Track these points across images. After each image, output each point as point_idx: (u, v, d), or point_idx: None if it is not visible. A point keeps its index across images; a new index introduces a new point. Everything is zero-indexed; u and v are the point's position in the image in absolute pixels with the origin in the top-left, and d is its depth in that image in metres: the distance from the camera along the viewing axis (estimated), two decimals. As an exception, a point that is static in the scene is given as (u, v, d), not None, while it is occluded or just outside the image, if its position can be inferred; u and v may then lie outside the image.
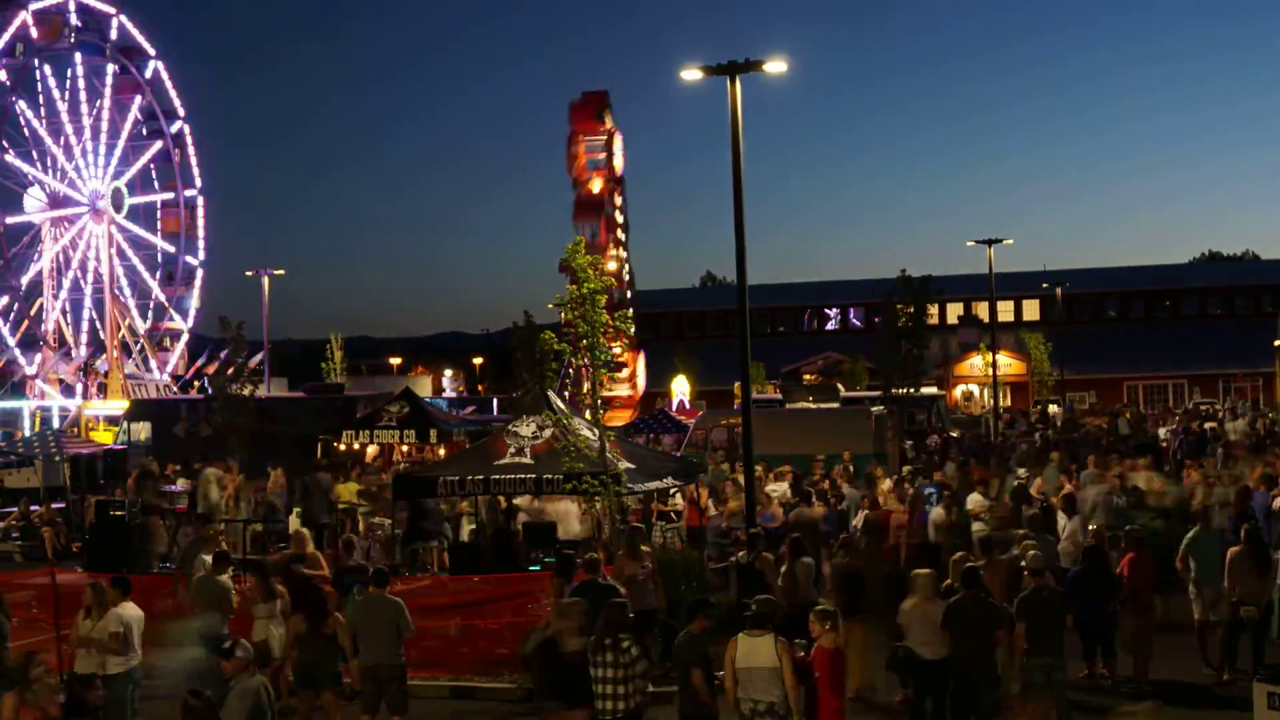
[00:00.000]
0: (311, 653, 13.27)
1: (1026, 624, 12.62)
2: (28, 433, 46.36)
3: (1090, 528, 18.45)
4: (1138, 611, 15.18)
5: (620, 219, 58.83)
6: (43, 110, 56.39)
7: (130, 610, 13.52)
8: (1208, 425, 42.50)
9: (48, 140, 56.08)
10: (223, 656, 10.64)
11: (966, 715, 12.46)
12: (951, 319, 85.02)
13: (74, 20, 56.56)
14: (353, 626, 13.60)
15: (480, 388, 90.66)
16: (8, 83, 53.89)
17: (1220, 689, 14.95)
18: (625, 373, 56.06)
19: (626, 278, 59.47)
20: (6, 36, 53.36)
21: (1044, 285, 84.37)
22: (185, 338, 62.42)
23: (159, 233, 61.83)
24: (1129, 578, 15.25)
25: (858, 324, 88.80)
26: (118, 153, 58.83)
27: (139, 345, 59.80)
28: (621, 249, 58.73)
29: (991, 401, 55.17)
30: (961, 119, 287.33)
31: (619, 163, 58.14)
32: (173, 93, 60.97)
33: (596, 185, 56.79)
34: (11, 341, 53.35)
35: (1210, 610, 15.53)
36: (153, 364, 60.02)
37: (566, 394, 30.46)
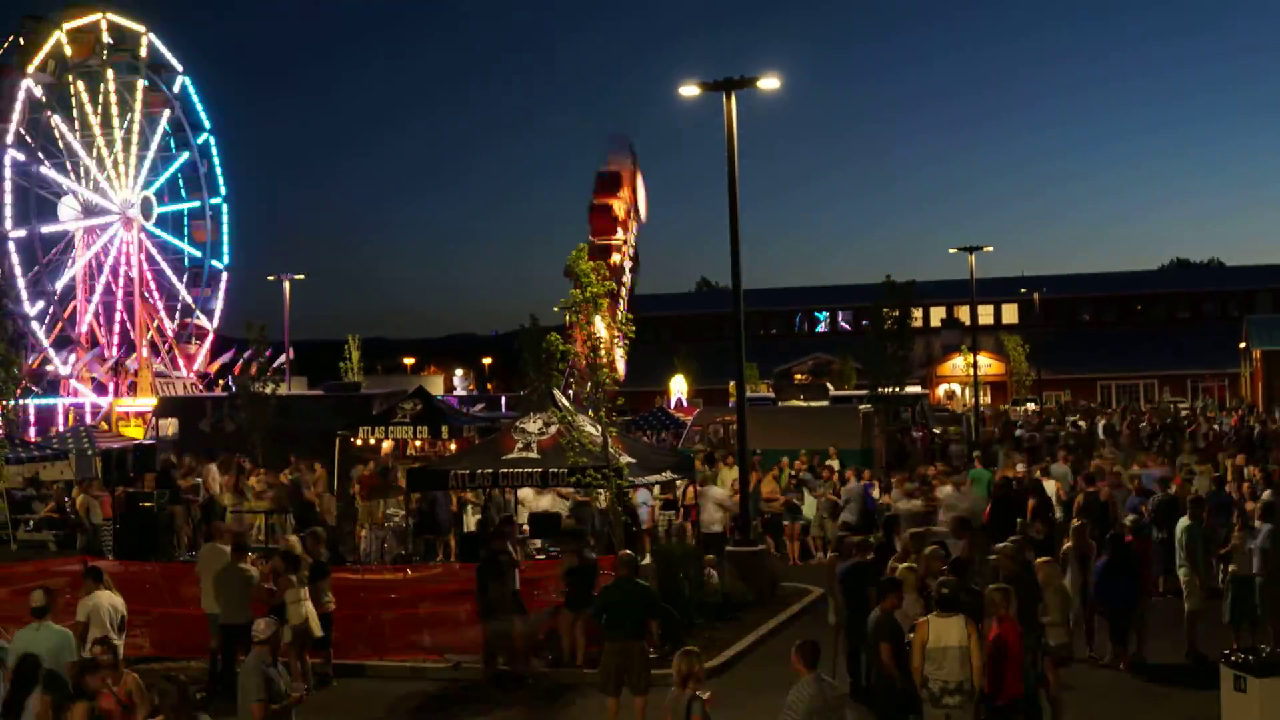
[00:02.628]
0: None
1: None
2: (62, 428, 46.31)
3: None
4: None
5: (631, 253, 56.87)
6: (76, 124, 56.26)
7: (101, 598, 13.40)
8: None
9: (81, 152, 55.99)
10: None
11: None
12: (935, 322, 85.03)
13: (106, 38, 56.50)
14: None
15: (489, 386, 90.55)
16: (43, 99, 53.84)
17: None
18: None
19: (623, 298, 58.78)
20: (42, 55, 53.38)
21: (1022, 290, 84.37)
22: (211, 337, 62.41)
23: (186, 239, 61.82)
24: None
25: (846, 326, 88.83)
26: (147, 163, 58.76)
27: (167, 345, 59.76)
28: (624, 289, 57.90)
29: (972, 400, 55.15)
30: (946, 131, 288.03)
31: (643, 210, 55.43)
32: (199, 106, 61.01)
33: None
34: (46, 342, 53.27)
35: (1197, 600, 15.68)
36: (180, 362, 60.00)
37: (570, 392, 30.40)
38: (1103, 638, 15.51)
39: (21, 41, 53.61)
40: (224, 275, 62.59)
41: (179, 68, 60.00)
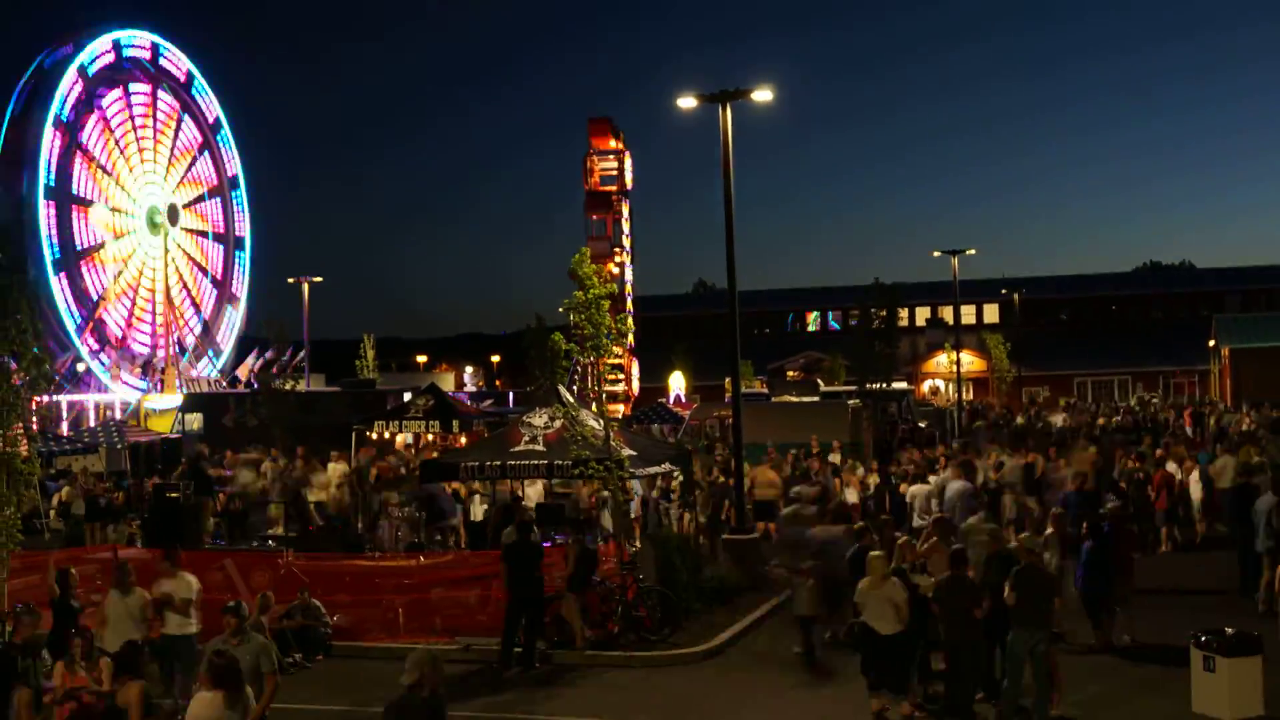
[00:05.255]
0: None
1: (1017, 596, 12.30)
2: (93, 423, 46.35)
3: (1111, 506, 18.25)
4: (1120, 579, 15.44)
5: (626, 228, 59.03)
6: (103, 139, 56.09)
7: (192, 578, 13.44)
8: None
9: (108, 166, 55.85)
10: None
11: (956, 683, 12.51)
12: (920, 321, 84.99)
13: (114, 58, 56.03)
14: None
15: (498, 383, 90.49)
16: (67, 127, 53.33)
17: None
18: (622, 374, 56.55)
19: (629, 283, 59.56)
20: (58, 95, 52.43)
21: (1003, 291, 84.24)
22: (233, 340, 62.40)
23: (207, 272, 61.87)
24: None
25: (836, 326, 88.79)
26: (176, 180, 58.93)
27: (193, 345, 59.77)
28: (626, 254, 58.97)
29: (956, 395, 55.19)
30: (932, 141, 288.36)
31: (629, 179, 58.47)
32: (222, 114, 61.21)
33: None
34: (79, 342, 53.24)
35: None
36: (204, 361, 60.02)
37: (574, 388, 30.42)
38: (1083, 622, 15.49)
39: (34, 84, 53.02)
40: (243, 301, 62.79)
41: (201, 79, 60.05)
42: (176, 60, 59.29)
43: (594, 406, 19.31)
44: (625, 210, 58.93)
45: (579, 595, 15.86)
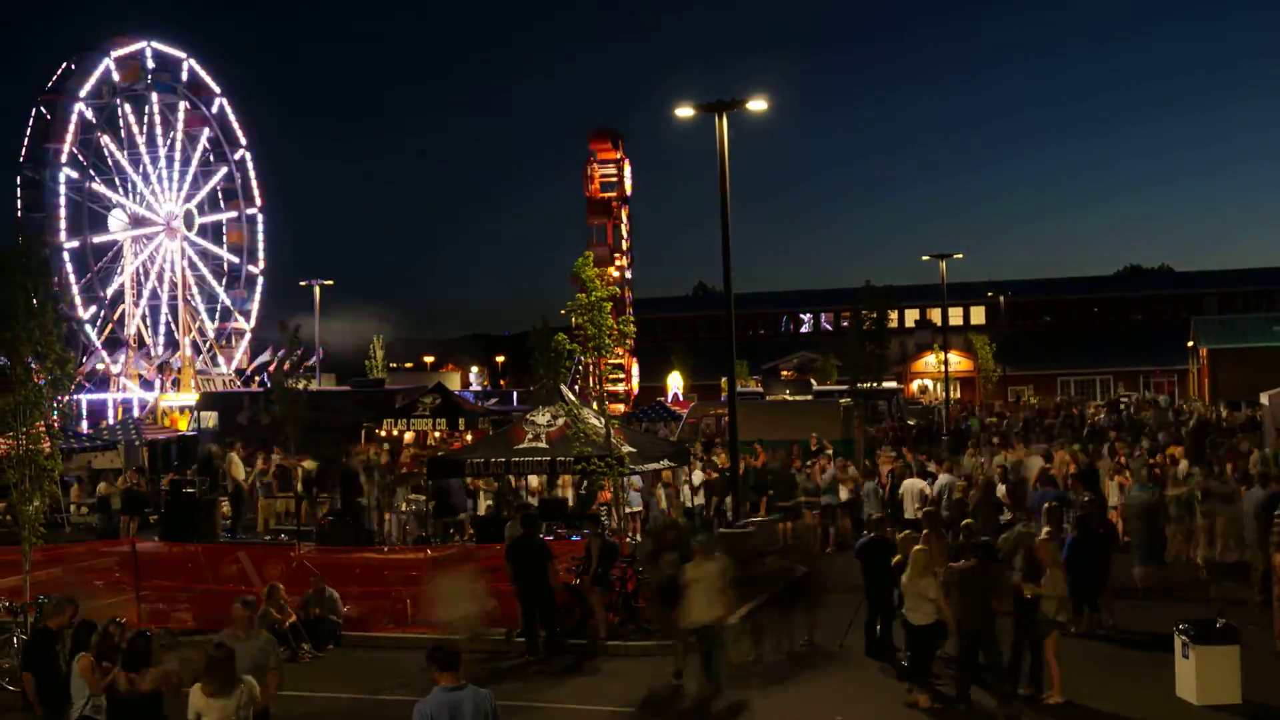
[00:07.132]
0: None
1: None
2: (111, 422, 46.31)
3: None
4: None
5: (625, 233, 59.04)
6: (124, 143, 56.25)
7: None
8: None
9: (129, 169, 55.95)
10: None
11: (970, 670, 12.56)
12: (909, 323, 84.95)
13: (150, 64, 56.57)
14: None
15: (502, 382, 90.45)
16: (94, 121, 53.91)
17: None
18: (623, 374, 56.62)
19: (630, 285, 59.61)
20: (92, 81, 53.50)
21: (989, 294, 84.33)
22: (248, 336, 62.29)
23: (225, 245, 61.66)
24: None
25: (828, 327, 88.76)
26: (189, 178, 58.80)
27: (208, 345, 59.72)
28: (626, 258, 59.03)
29: (943, 394, 55.26)
30: (921, 149, 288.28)
31: (628, 185, 58.47)
32: (235, 124, 60.91)
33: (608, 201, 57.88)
34: (98, 343, 53.27)
35: None
36: (220, 360, 59.95)
37: (577, 388, 30.41)
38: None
39: (74, 68, 53.80)
40: (259, 279, 62.51)
41: (216, 89, 59.95)
42: (208, 77, 59.37)
43: (595, 405, 19.33)
44: (625, 216, 58.96)
45: (602, 589, 15.87)
